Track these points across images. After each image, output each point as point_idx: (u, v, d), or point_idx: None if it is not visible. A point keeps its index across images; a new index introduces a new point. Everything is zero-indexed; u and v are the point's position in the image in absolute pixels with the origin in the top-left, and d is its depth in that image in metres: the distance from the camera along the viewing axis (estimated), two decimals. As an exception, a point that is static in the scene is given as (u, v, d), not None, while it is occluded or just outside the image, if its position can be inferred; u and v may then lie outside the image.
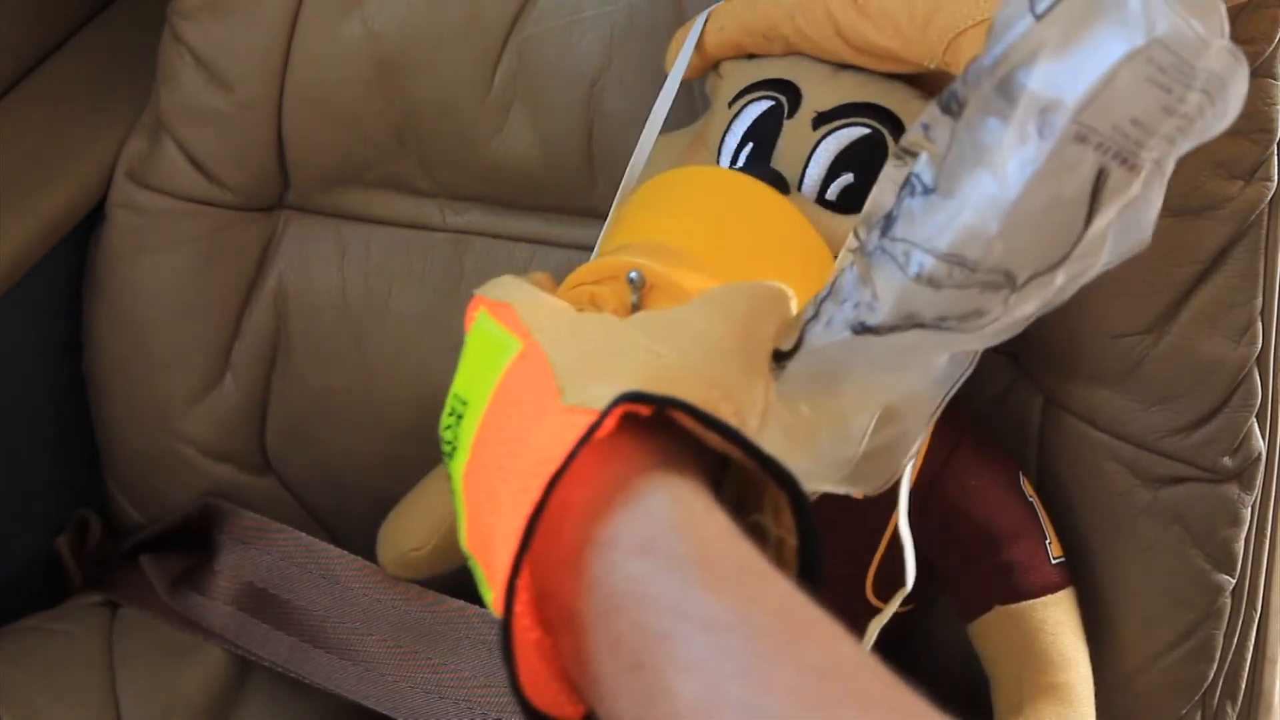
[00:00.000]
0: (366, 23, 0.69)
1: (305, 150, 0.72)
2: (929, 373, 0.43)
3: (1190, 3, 0.35)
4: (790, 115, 0.56)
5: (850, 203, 0.55)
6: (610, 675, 0.32)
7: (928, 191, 0.38)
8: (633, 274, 0.47)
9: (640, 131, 0.63)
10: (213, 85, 0.71)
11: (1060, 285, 0.38)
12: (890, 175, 0.40)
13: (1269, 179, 0.59)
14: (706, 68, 0.62)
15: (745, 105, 0.58)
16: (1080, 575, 0.67)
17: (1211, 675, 0.67)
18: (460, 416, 0.40)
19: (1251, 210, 0.59)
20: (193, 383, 0.75)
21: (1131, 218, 0.37)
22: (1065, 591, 0.63)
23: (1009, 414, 0.69)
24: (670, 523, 0.33)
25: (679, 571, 0.32)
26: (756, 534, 0.37)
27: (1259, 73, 0.58)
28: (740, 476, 0.39)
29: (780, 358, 0.42)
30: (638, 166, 0.57)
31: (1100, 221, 0.36)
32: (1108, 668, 0.67)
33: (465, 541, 0.39)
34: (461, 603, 0.68)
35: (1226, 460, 0.62)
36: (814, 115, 0.56)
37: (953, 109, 0.38)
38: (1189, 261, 0.60)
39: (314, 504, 0.79)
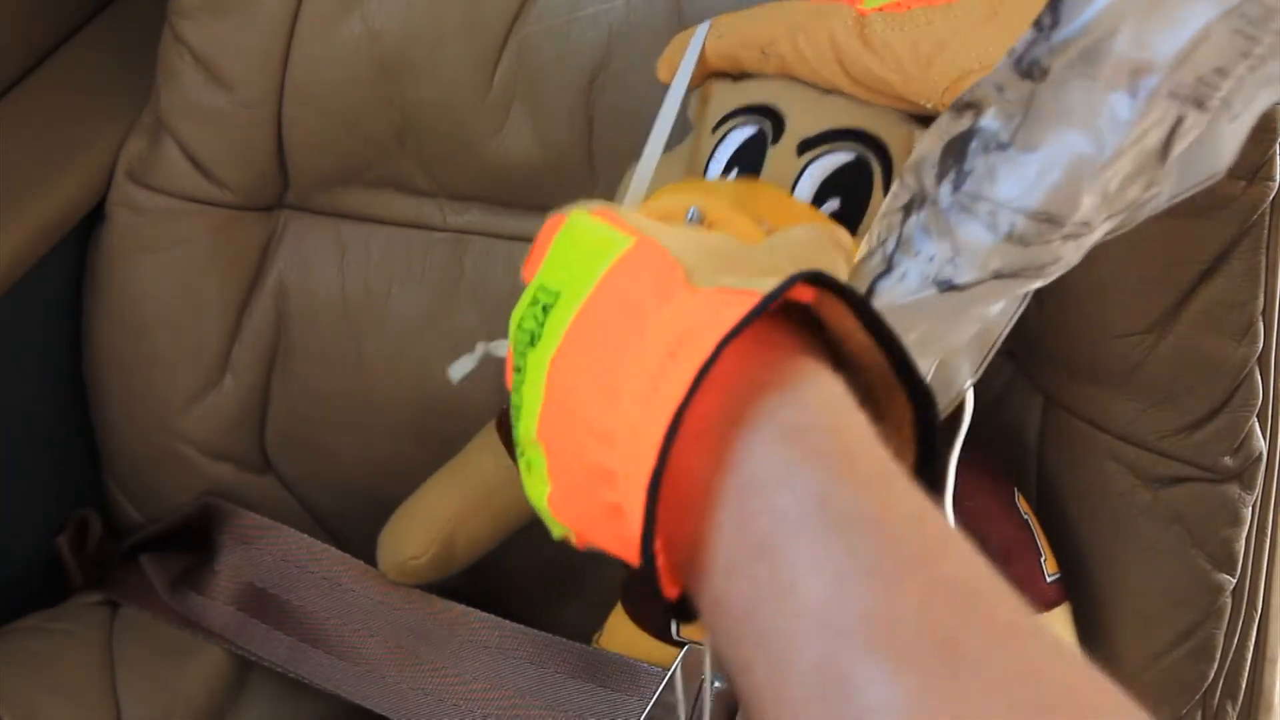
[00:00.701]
0: (366, 22, 0.69)
1: (305, 150, 0.72)
2: (985, 317, 0.43)
3: None
4: (774, 141, 0.56)
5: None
6: (730, 559, 0.30)
7: (1004, 147, 0.38)
8: (692, 211, 0.47)
9: (640, 128, 0.63)
10: (213, 85, 0.71)
11: (1124, 219, 0.38)
12: (945, 128, 0.40)
13: (1271, 179, 0.59)
14: (700, 79, 0.61)
15: (729, 131, 0.57)
16: (1081, 575, 0.67)
17: (1212, 675, 0.67)
18: (547, 307, 0.37)
19: (1253, 210, 0.59)
20: (193, 382, 0.75)
21: (1199, 148, 0.37)
22: (1061, 608, 0.63)
23: (1009, 414, 0.69)
24: (822, 414, 0.32)
25: (826, 463, 0.30)
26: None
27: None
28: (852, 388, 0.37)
29: None
30: (644, 180, 0.57)
31: (1172, 158, 0.37)
32: (1107, 667, 0.67)
33: (535, 429, 0.37)
34: (463, 607, 0.68)
35: (1227, 460, 0.62)
36: (798, 142, 0.55)
37: (1034, 74, 0.37)
38: (1190, 261, 0.60)
39: (314, 503, 0.79)
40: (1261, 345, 0.61)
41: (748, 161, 0.56)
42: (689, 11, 0.66)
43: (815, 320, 0.35)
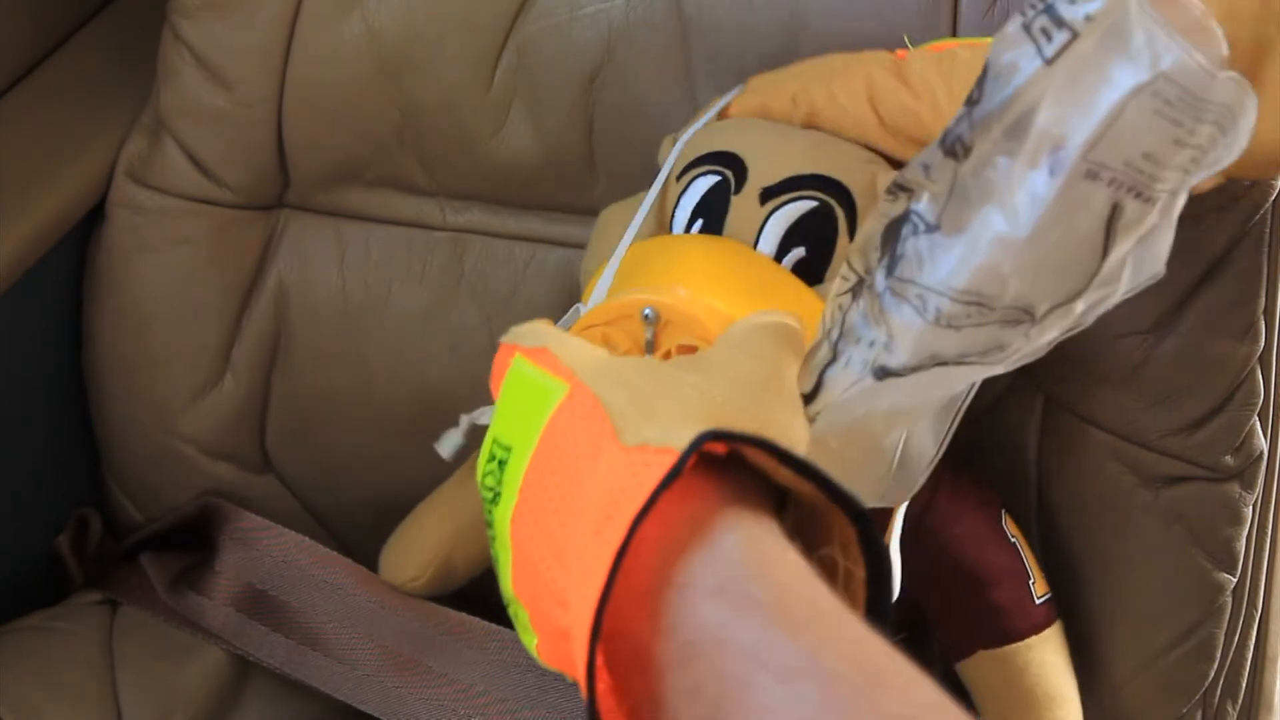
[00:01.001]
0: (366, 21, 0.69)
1: (305, 149, 0.72)
2: (952, 394, 0.43)
3: (1189, 31, 0.35)
4: (737, 190, 0.55)
5: (806, 275, 0.54)
6: (680, 713, 0.32)
7: (931, 229, 0.38)
8: (647, 310, 0.47)
9: (640, 128, 0.64)
10: (213, 84, 0.71)
11: (1081, 312, 0.38)
12: (882, 210, 0.40)
13: (1273, 179, 0.59)
14: None
15: (692, 180, 0.57)
16: (1081, 574, 0.67)
17: (1212, 674, 0.67)
18: (503, 463, 0.39)
19: (1255, 210, 0.59)
20: (193, 381, 0.75)
21: (1147, 248, 0.37)
22: (1050, 629, 0.63)
23: (1009, 414, 0.69)
24: (746, 564, 0.33)
25: (757, 615, 0.32)
26: (824, 566, 0.37)
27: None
28: (798, 510, 0.39)
29: (803, 402, 0.42)
30: (612, 272, 0.56)
31: (1117, 253, 0.36)
32: (1108, 667, 0.67)
33: (511, 586, 0.39)
34: (463, 615, 0.68)
35: (1228, 459, 0.62)
36: (760, 190, 0.55)
37: (957, 152, 0.37)
38: (1192, 261, 0.60)
39: (313, 503, 0.79)
40: (1263, 344, 0.61)
41: (712, 210, 0.55)
42: (689, 10, 0.66)
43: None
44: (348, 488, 0.78)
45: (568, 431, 0.37)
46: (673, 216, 0.57)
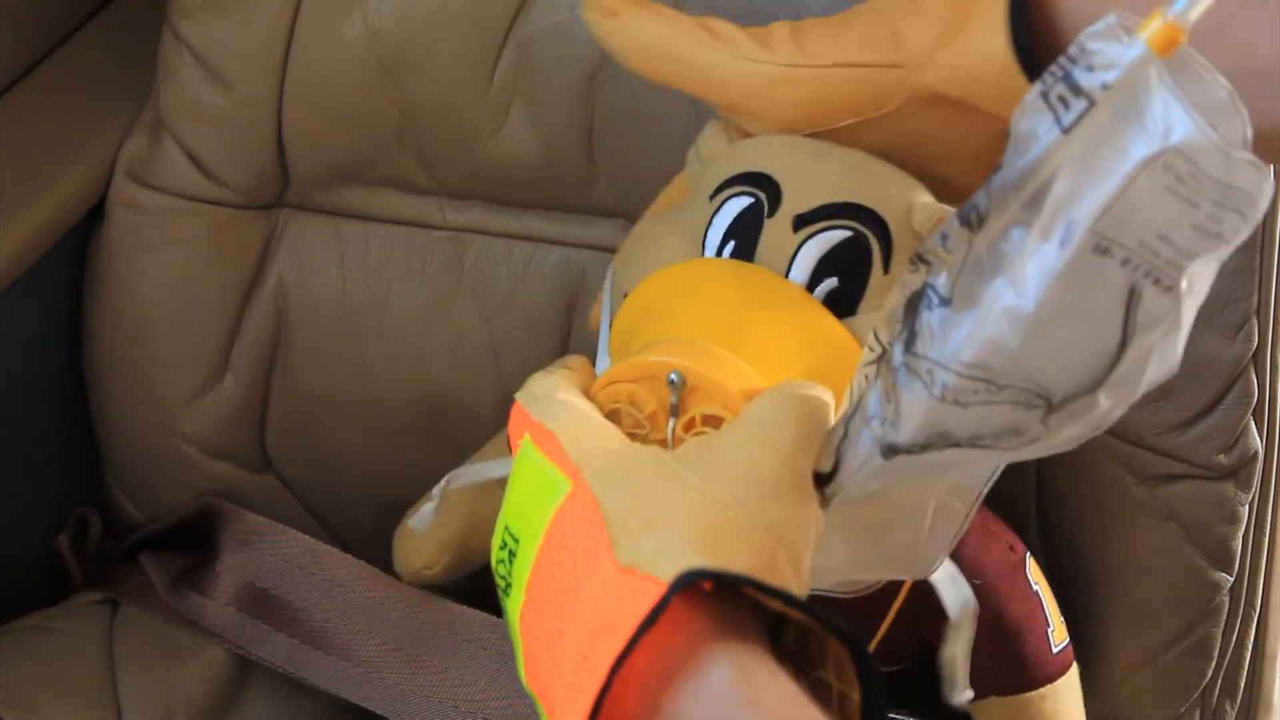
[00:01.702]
0: (366, 20, 0.69)
1: (305, 148, 0.72)
2: (976, 475, 0.42)
3: (1212, 110, 0.33)
4: (770, 214, 0.54)
5: (839, 306, 0.53)
6: None
7: (944, 304, 0.37)
8: (673, 375, 0.46)
9: (640, 126, 0.63)
10: (213, 83, 0.71)
11: (1106, 409, 0.36)
12: (905, 281, 0.40)
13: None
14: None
15: (725, 200, 0.55)
16: (1078, 573, 0.67)
17: (1210, 673, 0.67)
18: (513, 554, 0.40)
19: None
20: (193, 381, 0.75)
21: (1167, 342, 0.35)
22: (1066, 676, 0.62)
23: (1007, 412, 0.69)
24: (735, 695, 0.33)
25: None
26: (819, 689, 0.37)
27: None
28: (799, 626, 0.39)
29: (821, 481, 0.41)
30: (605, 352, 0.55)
31: (1140, 344, 0.35)
32: (1106, 666, 0.67)
33: (525, 678, 0.39)
34: (463, 608, 0.68)
35: (1222, 458, 0.62)
36: (794, 217, 0.53)
37: (972, 222, 0.36)
38: (1186, 259, 0.60)
39: (314, 502, 0.79)
40: (1256, 344, 0.61)
41: (745, 235, 0.54)
42: (689, 10, 0.66)
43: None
44: (348, 487, 0.78)
45: (567, 535, 0.38)
46: (705, 235, 0.57)
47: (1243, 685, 0.68)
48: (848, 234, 0.53)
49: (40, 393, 0.77)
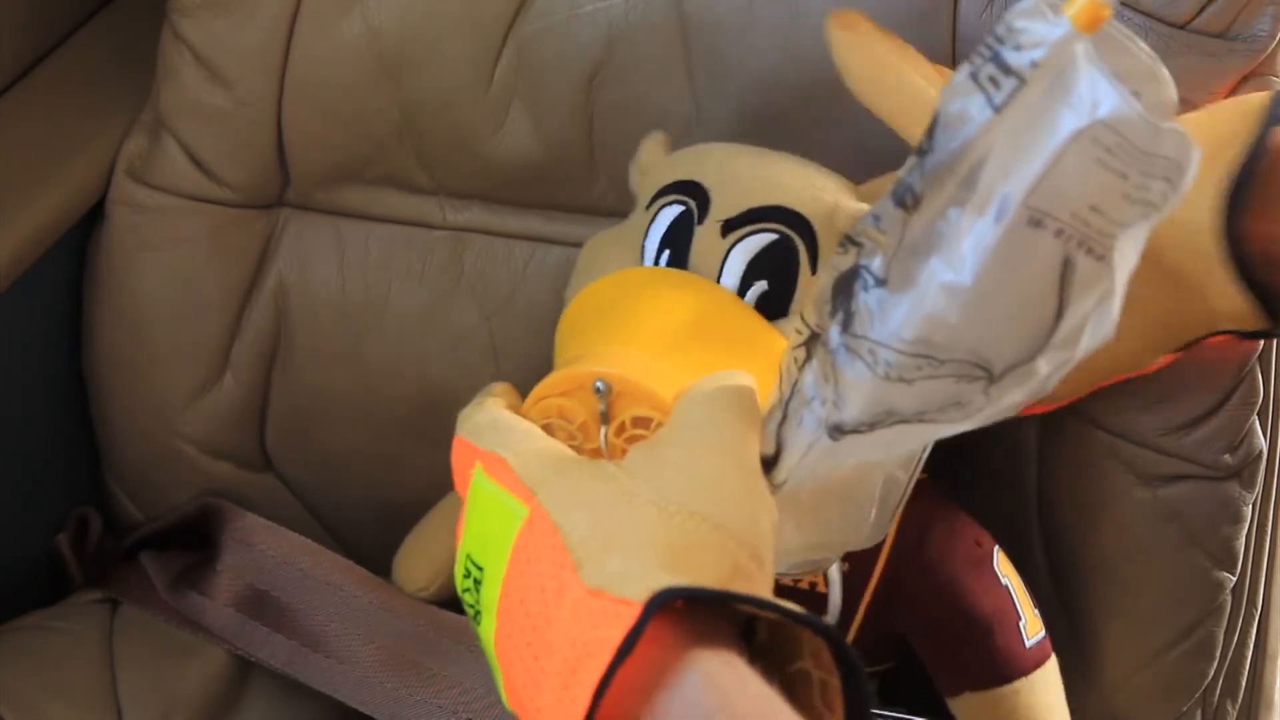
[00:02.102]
0: (366, 20, 0.69)
1: (305, 147, 0.72)
2: (920, 446, 0.43)
3: (1139, 78, 0.34)
4: (700, 221, 0.56)
5: (769, 308, 0.54)
6: None
7: (880, 284, 0.38)
8: (598, 384, 0.47)
9: (640, 126, 0.64)
10: (212, 83, 0.71)
11: (1045, 374, 0.37)
12: (833, 263, 0.40)
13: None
14: None
15: (659, 209, 0.57)
16: (1080, 573, 0.67)
17: (1212, 673, 0.67)
18: (478, 582, 0.41)
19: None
20: (193, 380, 0.75)
21: (1102, 308, 0.36)
22: (1041, 669, 0.62)
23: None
24: (709, 703, 0.34)
25: None
26: (800, 680, 0.38)
27: (1259, 71, 0.58)
28: (771, 621, 0.39)
29: (766, 465, 0.42)
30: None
31: (1076, 311, 0.36)
32: (1108, 665, 0.67)
33: (505, 698, 0.40)
34: (464, 617, 0.68)
35: (1227, 458, 0.62)
36: (721, 223, 0.55)
37: (907, 203, 0.37)
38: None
39: (313, 501, 0.79)
40: (1261, 344, 0.61)
41: (678, 242, 0.56)
42: (689, 8, 0.66)
43: None
44: (347, 486, 0.78)
45: (532, 561, 0.39)
46: (644, 245, 0.57)
47: (1244, 685, 0.68)
48: (774, 237, 0.54)
49: (40, 392, 0.77)
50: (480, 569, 0.41)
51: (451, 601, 0.70)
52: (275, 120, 0.71)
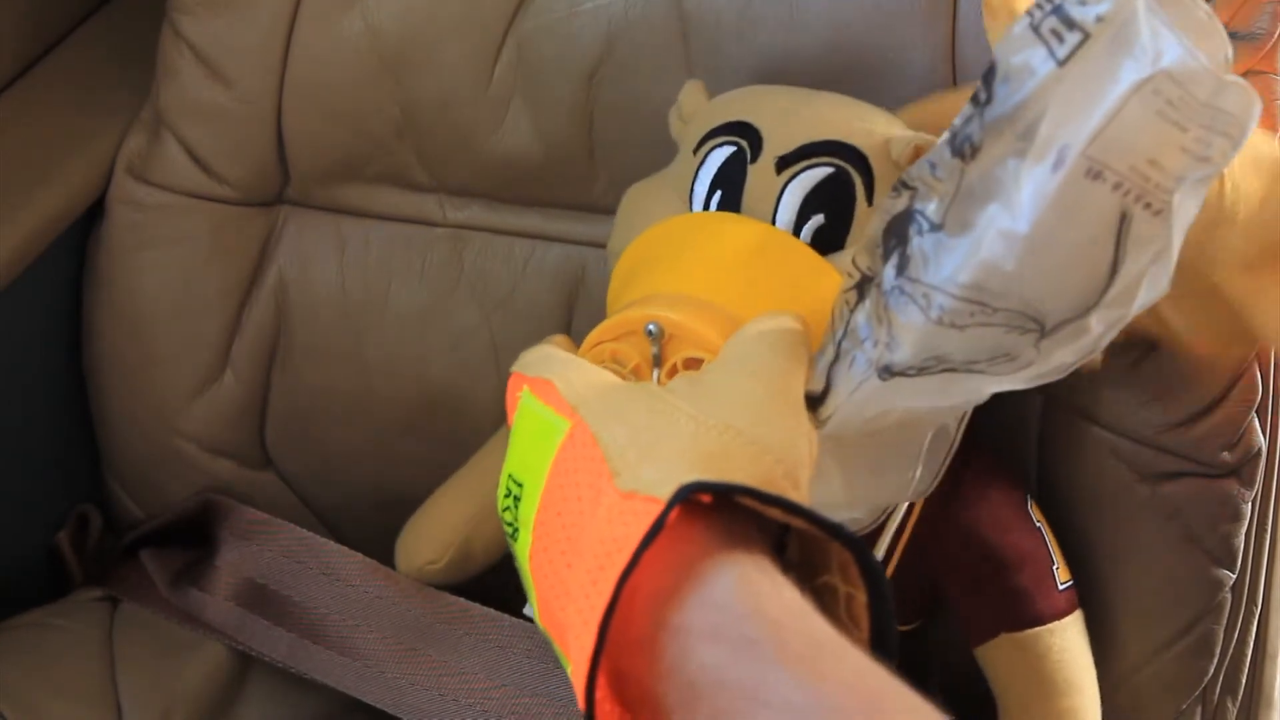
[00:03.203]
0: (366, 18, 0.69)
1: (305, 145, 0.72)
2: (967, 402, 0.42)
3: (1194, 33, 0.34)
4: (753, 160, 0.55)
5: (825, 243, 0.54)
6: None
7: (935, 229, 0.38)
8: (651, 326, 0.47)
9: (641, 124, 0.63)
10: (212, 81, 0.71)
11: (1097, 332, 0.37)
12: (885, 207, 0.40)
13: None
14: None
15: (709, 152, 0.57)
16: (1080, 570, 0.67)
17: (1211, 671, 0.67)
18: (517, 499, 0.41)
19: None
20: (193, 378, 0.75)
21: (1159, 264, 0.36)
22: (1072, 616, 0.63)
23: (1009, 410, 0.68)
24: (740, 604, 0.34)
25: (753, 655, 0.32)
26: (825, 593, 0.38)
27: (1258, 68, 0.58)
28: (803, 538, 0.39)
29: (813, 403, 0.42)
30: None
31: (1131, 268, 0.36)
32: (1108, 663, 0.67)
33: (540, 618, 0.40)
34: (464, 602, 0.68)
35: (1226, 455, 0.62)
36: (775, 159, 0.55)
37: (965, 153, 0.37)
38: (1189, 256, 0.60)
39: (313, 499, 0.79)
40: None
41: (730, 182, 0.56)
42: (688, 6, 0.66)
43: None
44: (347, 484, 0.78)
45: (570, 472, 0.39)
46: (692, 189, 0.57)
47: (1244, 683, 0.68)
48: (830, 170, 0.54)
49: (40, 390, 0.77)
50: (520, 485, 0.41)
51: (458, 584, 0.70)
52: (275, 118, 0.71)
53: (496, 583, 0.72)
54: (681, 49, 0.67)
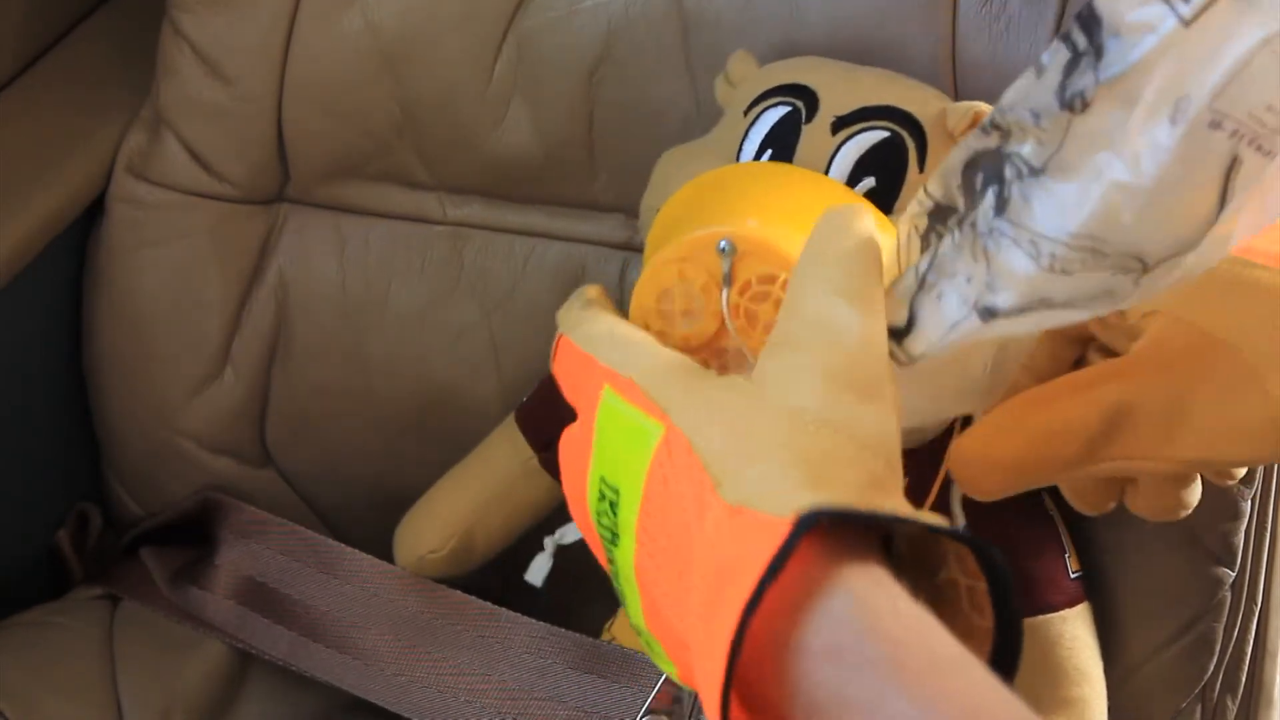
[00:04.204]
0: (366, 15, 0.69)
1: (305, 143, 0.72)
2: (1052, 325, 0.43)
3: None
4: (808, 120, 0.56)
5: (875, 205, 0.53)
6: None
7: (1035, 173, 0.38)
8: (723, 243, 0.47)
9: (640, 121, 0.63)
10: (212, 79, 0.71)
11: (1190, 265, 0.37)
12: (969, 143, 0.40)
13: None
14: None
15: (762, 112, 0.57)
16: (1082, 574, 0.67)
17: (1211, 669, 0.67)
18: (614, 504, 0.40)
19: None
20: (193, 376, 0.75)
21: (1274, 195, 0.37)
22: (1082, 606, 0.63)
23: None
24: (859, 622, 0.33)
25: (872, 673, 0.32)
26: (949, 587, 0.38)
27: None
28: (911, 532, 0.39)
29: (898, 335, 0.41)
30: None
31: (1232, 206, 0.36)
32: (1107, 661, 0.67)
33: (643, 621, 0.40)
34: (461, 594, 0.68)
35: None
36: (832, 120, 0.55)
37: (1075, 106, 0.37)
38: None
39: (313, 497, 0.79)
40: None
41: (782, 141, 0.56)
42: (689, 4, 0.66)
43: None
44: (348, 482, 0.78)
45: (670, 481, 0.38)
46: (740, 149, 0.57)
47: (1244, 681, 0.68)
48: (885, 134, 0.55)
49: (40, 389, 0.77)
50: (615, 490, 0.40)
51: (452, 581, 0.70)
52: (275, 116, 0.71)
53: (487, 585, 0.72)
54: (681, 47, 0.67)
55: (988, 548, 0.36)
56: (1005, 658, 0.37)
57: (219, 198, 0.73)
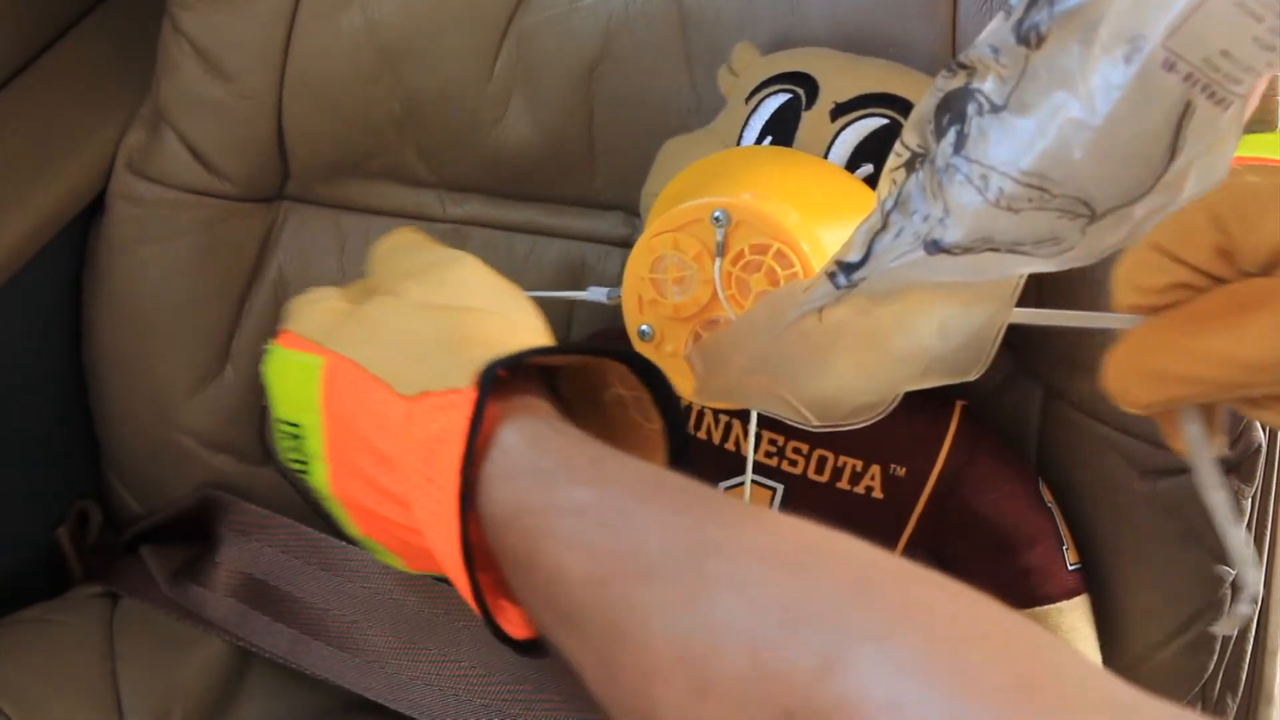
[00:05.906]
0: (366, 12, 0.69)
1: (305, 140, 0.72)
2: (999, 279, 0.43)
3: None
4: (808, 107, 0.56)
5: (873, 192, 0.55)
6: (518, 584, 0.37)
7: (996, 109, 0.38)
8: (717, 213, 0.48)
9: (640, 118, 0.63)
10: (212, 76, 0.71)
11: (1140, 219, 0.37)
12: (937, 86, 0.40)
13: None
14: None
15: (763, 99, 0.58)
16: (1081, 566, 0.67)
17: (1211, 667, 0.67)
18: (298, 437, 0.44)
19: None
20: (193, 373, 0.75)
21: (1215, 154, 0.36)
22: (1081, 598, 0.63)
23: (1009, 406, 0.69)
24: (526, 449, 0.38)
25: (544, 480, 0.37)
26: (616, 404, 0.43)
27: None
28: (572, 371, 0.44)
29: (850, 269, 0.42)
30: None
31: (1184, 157, 0.36)
32: (1107, 659, 0.67)
33: (360, 531, 0.44)
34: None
35: (1225, 451, 0.62)
36: (832, 106, 0.56)
37: (1030, 40, 0.37)
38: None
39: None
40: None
41: (782, 127, 0.56)
42: (689, 2, 0.66)
43: None
44: (347, 480, 0.78)
45: (345, 395, 0.42)
46: (740, 135, 0.58)
47: (1244, 679, 0.68)
48: (884, 122, 0.55)
49: (40, 386, 0.77)
50: (297, 425, 0.44)
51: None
52: (275, 113, 0.71)
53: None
54: (681, 44, 0.67)
55: (638, 358, 0.41)
56: (680, 454, 0.43)
57: (219, 195, 0.73)
